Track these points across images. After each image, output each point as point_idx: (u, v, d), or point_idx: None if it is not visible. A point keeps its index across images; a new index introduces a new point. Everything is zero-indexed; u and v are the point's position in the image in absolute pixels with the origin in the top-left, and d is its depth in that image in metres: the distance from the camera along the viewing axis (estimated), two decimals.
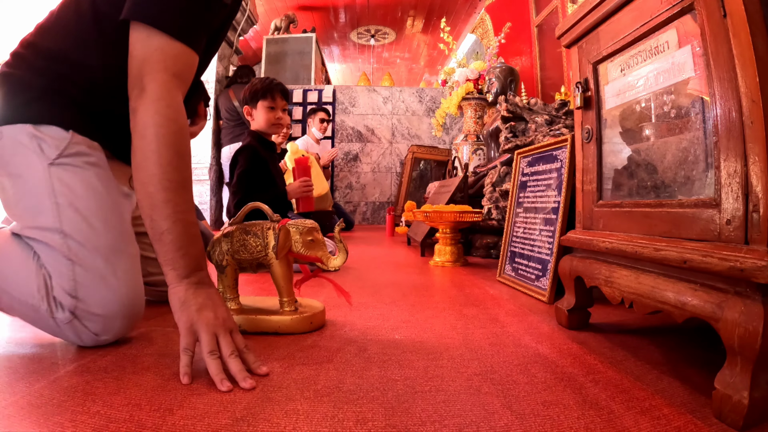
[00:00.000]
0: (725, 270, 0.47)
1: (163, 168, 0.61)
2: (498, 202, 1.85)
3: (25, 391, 0.51)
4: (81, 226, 0.66)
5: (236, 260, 0.80)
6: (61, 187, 0.67)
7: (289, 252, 0.79)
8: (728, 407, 0.45)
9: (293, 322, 0.77)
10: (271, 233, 0.78)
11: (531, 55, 3.13)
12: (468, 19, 5.04)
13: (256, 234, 0.79)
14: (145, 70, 0.63)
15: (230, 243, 0.80)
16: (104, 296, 0.65)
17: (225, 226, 0.85)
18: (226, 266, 0.81)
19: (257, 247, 0.78)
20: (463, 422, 0.46)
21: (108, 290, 0.66)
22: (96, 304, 0.65)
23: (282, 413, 0.47)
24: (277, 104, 1.59)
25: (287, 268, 0.80)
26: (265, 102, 1.58)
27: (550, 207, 1.15)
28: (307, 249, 0.79)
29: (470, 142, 2.71)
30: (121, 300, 0.67)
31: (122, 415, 0.46)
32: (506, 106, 1.76)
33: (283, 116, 1.61)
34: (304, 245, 0.78)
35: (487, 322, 0.86)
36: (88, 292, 0.64)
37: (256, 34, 5.30)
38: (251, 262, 0.79)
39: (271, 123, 1.59)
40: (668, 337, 0.78)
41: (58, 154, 0.68)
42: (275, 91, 1.58)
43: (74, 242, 0.65)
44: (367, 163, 4.37)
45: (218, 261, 0.81)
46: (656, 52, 0.63)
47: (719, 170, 0.50)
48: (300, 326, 0.78)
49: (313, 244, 0.79)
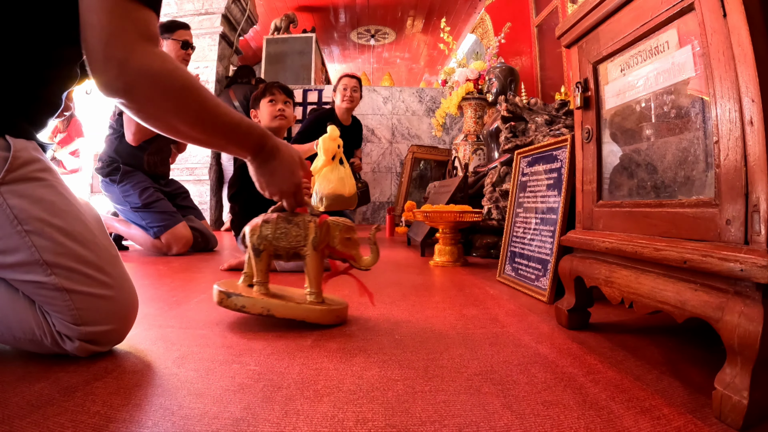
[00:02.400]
0: (725, 270, 0.47)
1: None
2: (498, 202, 1.85)
3: (25, 391, 0.51)
4: (60, 249, 0.59)
5: (274, 246, 0.83)
6: (22, 213, 0.57)
7: (326, 246, 0.82)
8: (728, 407, 0.45)
9: (321, 313, 0.80)
10: (312, 226, 0.82)
11: (531, 55, 3.13)
12: (468, 19, 5.04)
13: (297, 224, 0.82)
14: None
15: (272, 230, 0.83)
16: (108, 310, 0.63)
17: (267, 213, 0.87)
18: (262, 251, 0.83)
19: (297, 237, 0.82)
20: (463, 422, 0.46)
21: (108, 303, 0.63)
22: (102, 321, 0.62)
23: (282, 413, 0.47)
24: (277, 98, 1.64)
25: (321, 262, 0.83)
26: (265, 99, 1.65)
27: (550, 207, 1.15)
28: (343, 246, 0.82)
29: (470, 142, 2.71)
30: (123, 305, 0.65)
31: (122, 415, 0.46)
32: (506, 106, 1.76)
33: (286, 108, 1.65)
34: (341, 242, 0.82)
35: (487, 322, 0.86)
36: (91, 314, 0.61)
37: (256, 34, 5.30)
38: (288, 251, 0.83)
39: (274, 115, 1.63)
40: (668, 337, 0.78)
41: (4, 172, 0.57)
42: (273, 87, 1.66)
43: (59, 269, 0.59)
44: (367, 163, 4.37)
45: (256, 245, 0.83)
46: (656, 52, 0.63)
47: (719, 170, 0.50)
48: (327, 318, 0.81)
49: (349, 242, 0.83)
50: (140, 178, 1.97)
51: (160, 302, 0.99)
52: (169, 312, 0.90)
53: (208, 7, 3.76)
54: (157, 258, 1.82)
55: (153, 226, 1.90)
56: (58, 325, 0.60)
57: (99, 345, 0.63)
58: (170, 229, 1.90)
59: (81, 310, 0.60)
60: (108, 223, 2.03)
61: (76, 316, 0.60)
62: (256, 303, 0.80)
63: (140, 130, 1.93)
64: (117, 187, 1.95)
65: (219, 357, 0.64)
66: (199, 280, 1.30)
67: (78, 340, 0.60)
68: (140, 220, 1.92)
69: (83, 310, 0.60)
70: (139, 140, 1.94)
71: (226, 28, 3.86)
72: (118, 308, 0.64)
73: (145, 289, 1.16)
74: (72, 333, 0.60)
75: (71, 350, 0.61)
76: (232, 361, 0.63)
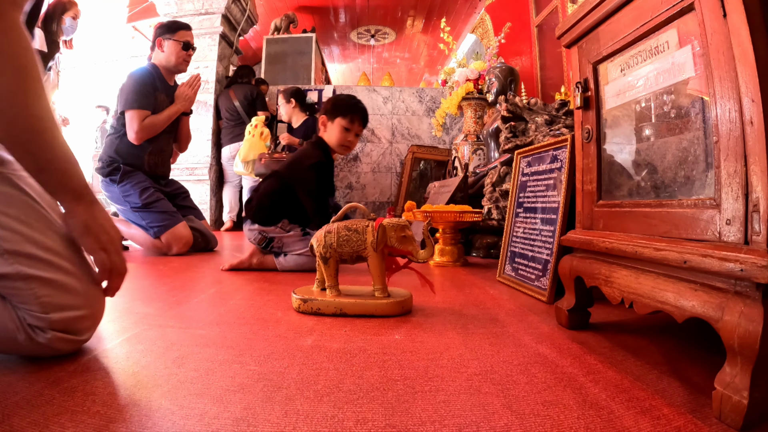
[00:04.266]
0: (725, 270, 0.47)
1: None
2: (498, 202, 1.85)
3: (25, 391, 0.51)
4: (18, 237, 0.58)
5: (338, 253, 0.93)
6: None
7: (385, 246, 0.92)
8: (728, 407, 0.45)
9: (388, 306, 0.90)
10: (369, 230, 0.92)
11: (531, 55, 3.13)
12: (468, 19, 5.04)
13: (357, 231, 0.93)
14: None
15: (335, 238, 0.93)
16: (74, 294, 0.61)
17: (328, 225, 0.97)
18: (329, 258, 0.94)
19: (358, 242, 0.92)
20: (463, 422, 0.46)
21: (74, 287, 0.61)
22: (70, 306, 0.60)
23: (282, 413, 0.47)
24: (353, 128, 1.58)
25: (382, 261, 0.93)
26: (343, 121, 1.56)
27: (550, 207, 1.15)
28: (400, 243, 0.91)
29: (470, 142, 2.71)
30: (89, 289, 0.63)
31: (122, 415, 0.46)
32: (506, 106, 1.76)
33: (354, 141, 1.61)
34: (397, 240, 0.91)
35: (487, 322, 0.86)
36: (57, 299, 0.59)
37: (256, 34, 5.30)
38: (351, 255, 0.93)
39: (341, 143, 1.58)
40: (668, 337, 0.78)
41: None
42: (357, 116, 1.58)
43: (20, 257, 0.57)
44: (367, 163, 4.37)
45: (323, 254, 0.94)
46: (656, 52, 0.63)
47: (719, 170, 0.50)
48: (393, 310, 0.90)
49: (405, 239, 0.91)
50: (140, 178, 1.97)
51: (160, 302, 0.99)
52: (169, 312, 0.90)
53: (208, 7, 3.75)
54: (157, 258, 1.82)
55: (153, 226, 1.89)
56: (28, 318, 0.58)
57: (73, 333, 0.61)
58: (170, 229, 1.90)
59: (46, 296, 0.58)
60: None
61: (44, 304, 0.58)
62: (329, 304, 0.90)
63: (143, 129, 1.93)
64: (117, 187, 1.95)
65: (219, 357, 0.64)
66: (199, 280, 1.30)
67: (50, 330, 0.59)
68: (140, 220, 1.92)
69: (49, 296, 0.59)
70: (141, 139, 1.94)
71: (226, 28, 3.86)
72: (83, 292, 0.62)
73: (145, 289, 1.16)
74: (42, 323, 0.58)
75: (45, 342, 0.59)
76: (232, 361, 0.63)
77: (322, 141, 1.61)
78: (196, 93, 2.09)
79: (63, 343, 0.61)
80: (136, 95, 1.92)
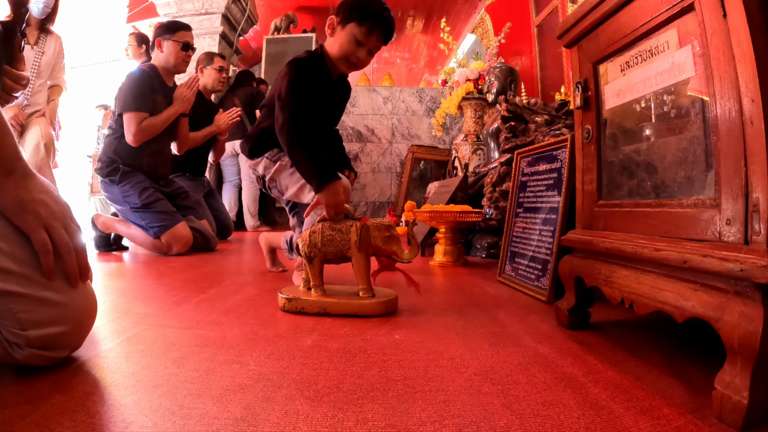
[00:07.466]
0: (725, 270, 0.47)
1: None
2: (498, 202, 1.85)
3: (25, 392, 0.51)
4: None
5: (323, 252, 0.93)
6: None
7: (369, 246, 0.91)
8: (728, 407, 0.45)
9: (371, 306, 0.89)
10: (353, 230, 0.91)
11: (531, 55, 3.13)
12: (468, 19, 5.03)
13: (341, 230, 0.92)
14: None
15: (319, 238, 0.92)
16: (56, 310, 0.57)
17: (313, 225, 0.96)
18: (314, 257, 0.94)
19: (342, 241, 0.91)
20: (463, 422, 0.46)
21: (56, 303, 0.56)
22: (50, 323, 0.56)
23: (282, 413, 0.47)
24: (368, 43, 1.16)
25: (367, 260, 0.92)
26: (358, 30, 1.14)
27: (550, 207, 1.15)
28: (384, 243, 0.90)
29: (470, 142, 2.71)
30: (75, 305, 0.59)
31: (123, 416, 0.46)
32: (506, 106, 1.76)
33: (366, 59, 1.19)
34: (382, 240, 0.90)
35: (487, 322, 0.86)
36: (36, 316, 0.55)
37: (256, 34, 5.29)
38: (336, 255, 0.93)
39: (346, 56, 1.17)
40: (668, 337, 0.78)
41: None
42: (379, 28, 1.15)
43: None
44: (367, 163, 4.37)
45: (307, 253, 0.94)
46: (656, 52, 0.63)
47: (719, 170, 0.50)
48: (378, 310, 0.89)
49: (390, 239, 0.91)
50: (140, 178, 1.97)
51: (160, 302, 0.99)
52: (169, 312, 0.90)
53: (208, 7, 3.75)
54: (157, 258, 1.82)
55: (153, 226, 1.89)
56: (4, 333, 0.54)
57: (53, 350, 0.57)
58: (170, 229, 1.90)
59: (23, 312, 0.54)
60: (108, 223, 2.03)
61: (20, 320, 0.54)
62: (313, 304, 0.90)
63: (141, 131, 1.92)
64: (117, 188, 1.95)
65: (219, 357, 0.64)
66: (199, 280, 1.30)
67: (27, 347, 0.54)
68: (140, 221, 1.92)
69: (26, 312, 0.54)
70: (139, 141, 1.94)
71: (226, 28, 3.86)
72: (66, 304, 0.58)
73: (145, 289, 1.16)
74: (19, 340, 0.54)
75: (22, 359, 0.55)
76: (232, 361, 0.63)
77: (321, 51, 1.22)
78: (195, 94, 2.09)
79: (41, 360, 0.57)
80: (134, 97, 1.91)
